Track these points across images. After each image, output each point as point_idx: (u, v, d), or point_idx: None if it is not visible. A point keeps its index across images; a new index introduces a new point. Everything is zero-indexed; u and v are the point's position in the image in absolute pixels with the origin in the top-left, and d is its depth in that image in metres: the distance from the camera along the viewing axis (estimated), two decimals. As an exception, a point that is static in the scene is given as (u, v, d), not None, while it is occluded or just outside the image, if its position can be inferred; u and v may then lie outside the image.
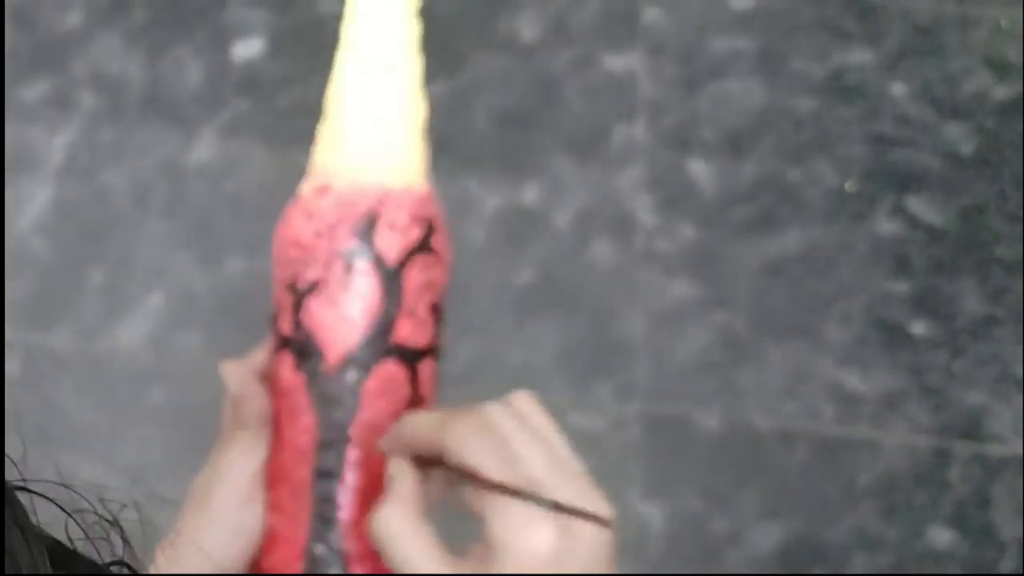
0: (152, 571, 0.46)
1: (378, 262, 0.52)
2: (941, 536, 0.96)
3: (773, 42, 1.13)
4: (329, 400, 0.53)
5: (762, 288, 1.03)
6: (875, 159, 1.09)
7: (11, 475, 0.42)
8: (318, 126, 0.54)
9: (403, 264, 0.53)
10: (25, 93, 1.04)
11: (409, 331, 0.54)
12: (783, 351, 1.00)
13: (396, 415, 0.53)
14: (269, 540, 0.52)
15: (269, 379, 0.58)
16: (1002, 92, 1.13)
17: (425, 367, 0.54)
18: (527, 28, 1.11)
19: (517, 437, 0.42)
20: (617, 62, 1.10)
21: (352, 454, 0.52)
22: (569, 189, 1.05)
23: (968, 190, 1.09)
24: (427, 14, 1.22)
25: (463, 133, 1.06)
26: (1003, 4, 1.17)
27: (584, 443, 1.03)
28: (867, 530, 0.95)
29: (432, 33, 1.22)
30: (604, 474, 1.01)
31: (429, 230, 0.55)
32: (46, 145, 1.02)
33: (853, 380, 1.00)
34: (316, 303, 0.53)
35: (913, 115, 1.11)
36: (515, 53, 1.10)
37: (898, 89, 1.12)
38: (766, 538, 0.95)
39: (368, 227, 0.52)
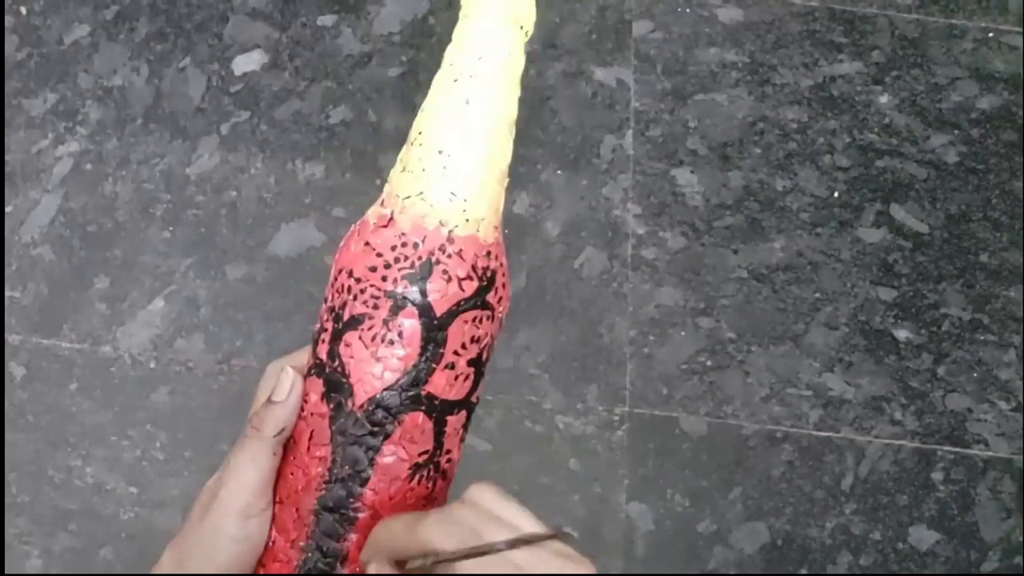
0: (156, 571, 0.47)
1: (425, 311, 0.50)
2: (924, 537, 0.96)
3: (761, 54, 1.14)
4: (350, 438, 0.51)
5: (748, 295, 1.03)
6: (861, 168, 1.09)
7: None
8: (402, 150, 0.50)
9: (451, 316, 0.50)
10: (32, 105, 1.05)
11: (443, 384, 0.52)
12: (769, 356, 1.01)
13: (414, 463, 0.52)
14: (268, 555, 0.51)
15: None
16: (986, 102, 1.13)
17: (454, 419, 0.53)
18: (519, 41, 1.12)
19: (484, 527, 0.43)
20: (608, 74, 1.11)
21: (364, 498, 0.51)
22: (560, 198, 1.06)
23: (953, 198, 1.09)
24: (424, 30, 1.24)
25: (457, 144, 1.07)
26: (988, 16, 1.18)
27: (573, 446, 1.05)
28: (851, 531, 0.96)
29: (429, 48, 1.24)
30: (593, 476, 1.03)
31: (488, 284, 0.50)
32: (52, 155, 1.03)
33: (838, 384, 1.01)
34: (356, 339, 0.51)
35: (899, 125, 1.12)
36: (507, 66, 1.11)
37: (884, 99, 1.13)
38: (751, 538, 0.95)
39: (424, 274, 0.49)
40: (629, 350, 1.00)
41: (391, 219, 0.49)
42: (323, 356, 0.53)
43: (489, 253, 0.50)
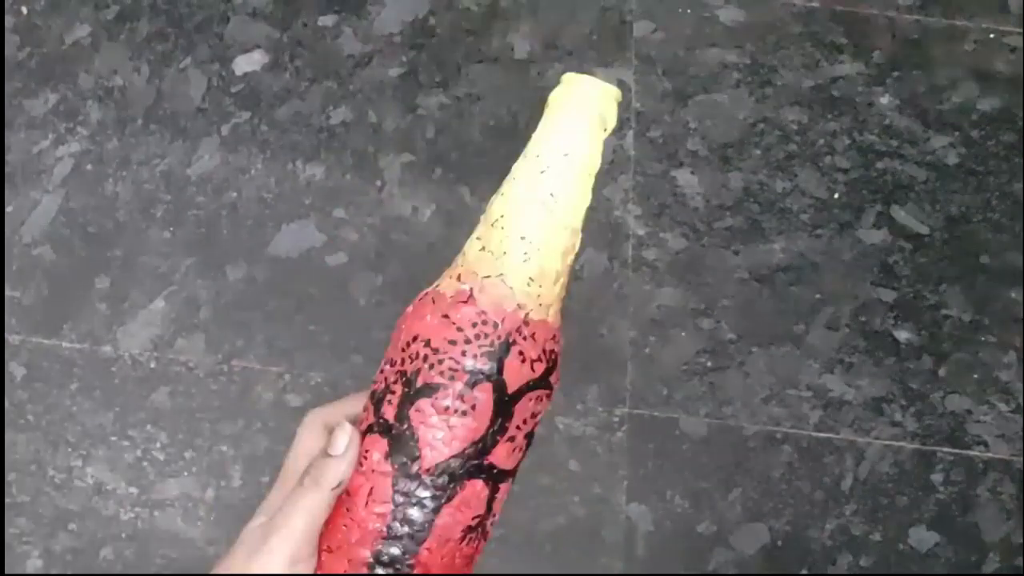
0: None
1: (499, 388, 0.53)
2: (924, 538, 0.96)
3: (762, 55, 1.14)
4: (412, 499, 0.54)
5: (749, 296, 1.04)
6: (862, 169, 1.10)
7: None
8: (480, 227, 0.52)
9: (520, 394, 0.53)
10: (33, 105, 1.05)
11: (504, 455, 0.55)
12: (769, 357, 1.01)
13: (467, 526, 0.55)
14: None
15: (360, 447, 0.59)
16: (987, 103, 1.14)
17: (505, 486, 0.56)
18: (520, 43, 1.12)
19: None
20: (609, 75, 1.11)
21: (418, 556, 0.54)
22: (560, 199, 1.06)
23: (953, 200, 1.09)
24: (424, 30, 1.25)
25: (458, 145, 1.07)
26: (989, 17, 1.18)
27: (573, 446, 1.05)
28: (851, 532, 0.96)
29: (429, 48, 1.25)
30: (593, 477, 1.03)
31: (552, 366, 0.55)
32: (53, 155, 1.03)
33: (838, 385, 1.01)
34: (428, 406, 0.54)
35: (899, 126, 1.12)
36: (509, 67, 1.11)
37: (885, 100, 1.13)
38: (751, 539, 0.95)
39: (502, 354, 0.52)
40: (629, 351, 1.00)
41: (471, 296, 0.52)
42: (390, 417, 0.55)
43: (555, 337, 0.53)
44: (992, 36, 1.17)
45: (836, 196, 1.08)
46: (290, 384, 0.97)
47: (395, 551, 0.54)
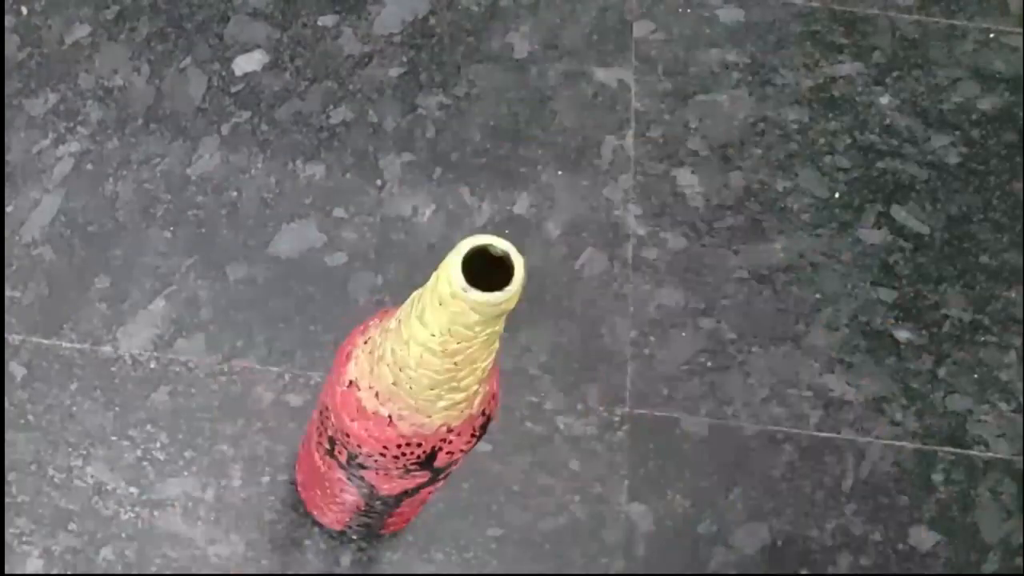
0: None
1: (433, 472, 0.57)
2: (925, 538, 0.96)
3: (762, 55, 1.14)
4: (378, 500, 0.61)
5: (749, 295, 1.04)
6: (862, 169, 1.10)
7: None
8: (386, 357, 0.51)
9: (454, 461, 0.57)
10: (33, 105, 1.05)
11: (444, 461, 0.58)
12: (769, 357, 1.01)
13: (419, 485, 0.61)
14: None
15: (321, 453, 0.65)
16: (988, 103, 1.14)
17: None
18: (520, 43, 1.12)
19: None
20: (608, 75, 1.12)
21: (386, 523, 0.68)
22: (560, 199, 1.06)
23: (954, 200, 1.09)
24: (424, 30, 1.25)
25: (457, 145, 1.08)
26: (989, 17, 1.18)
27: (574, 446, 1.05)
28: (851, 532, 0.96)
29: (429, 48, 1.25)
30: (593, 477, 1.04)
31: (485, 427, 0.57)
32: (53, 155, 1.03)
33: (839, 385, 1.01)
34: (374, 475, 0.58)
35: (900, 126, 1.12)
36: (508, 67, 1.11)
37: (885, 100, 1.13)
38: (752, 539, 0.95)
39: (430, 459, 0.54)
40: (630, 351, 1.00)
41: (391, 422, 0.53)
42: (343, 459, 0.59)
43: (483, 412, 0.54)
44: (993, 36, 1.17)
45: (836, 196, 1.09)
46: (290, 384, 0.97)
47: (368, 520, 0.64)
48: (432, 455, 0.55)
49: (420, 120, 1.08)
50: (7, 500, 0.92)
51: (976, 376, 1.02)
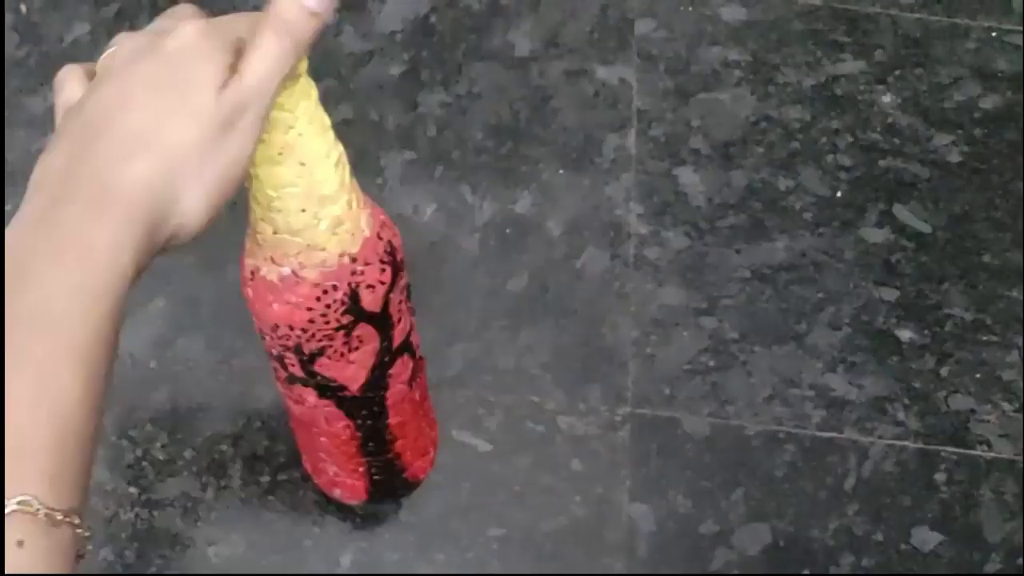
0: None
1: (370, 317, 0.56)
2: (927, 538, 0.96)
3: (764, 53, 1.14)
4: (361, 411, 0.60)
5: (751, 295, 1.04)
6: (864, 168, 1.10)
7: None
8: (256, 214, 0.53)
9: (387, 303, 0.56)
10: (33, 103, 1.05)
11: (401, 333, 0.59)
12: (771, 356, 1.01)
13: (407, 381, 0.61)
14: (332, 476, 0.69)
15: (287, 390, 0.65)
16: (990, 102, 1.14)
17: (415, 339, 0.62)
18: (522, 41, 1.12)
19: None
20: (610, 73, 1.11)
21: (391, 428, 0.63)
22: (562, 198, 1.06)
23: (956, 198, 1.09)
24: (425, 28, 1.24)
25: (458, 143, 1.07)
26: (991, 16, 1.18)
27: (575, 446, 1.05)
28: (854, 532, 0.96)
29: (430, 46, 1.25)
30: (595, 477, 1.03)
31: (393, 255, 0.58)
32: (53, 154, 1.03)
33: (841, 385, 1.01)
34: (326, 361, 0.57)
35: (902, 124, 1.12)
36: (509, 65, 1.11)
37: (887, 99, 1.13)
38: (754, 539, 0.95)
39: (354, 301, 0.54)
40: (631, 350, 1.00)
41: (297, 276, 0.53)
42: (300, 373, 0.60)
43: (379, 236, 0.54)
44: (994, 34, 1.17)
45: (838, 194, 1.08)
46: (291, 383, 0.97)
47: (369, 434, 0.62)
48: (355, 295, 0.55)
49: (421, 118, 1.08)
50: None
51: (978, 376, 1.02)
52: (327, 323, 0.56)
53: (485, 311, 1.00)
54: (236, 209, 1.02)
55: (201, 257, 1.01)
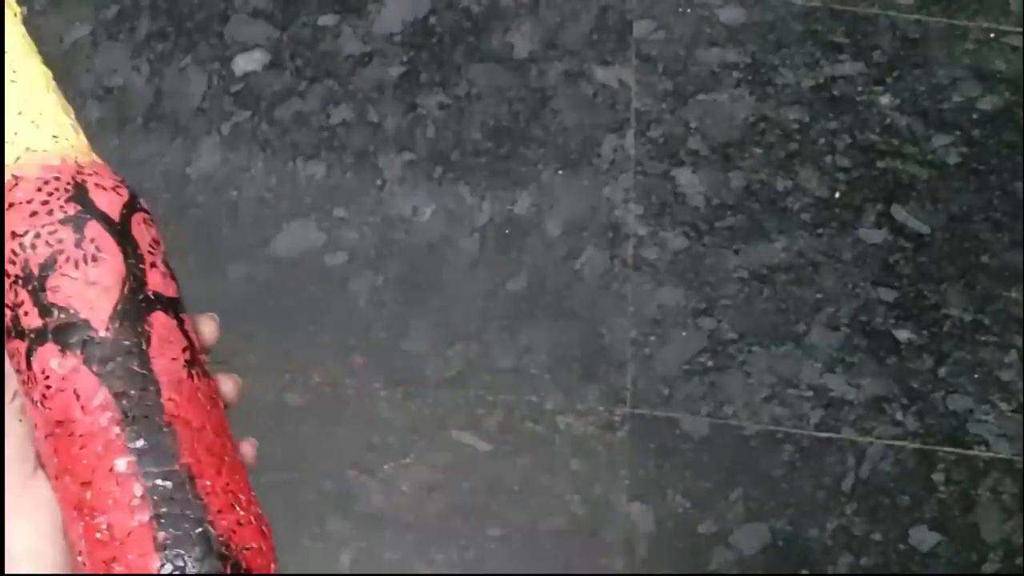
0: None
1: (103, 218, 0.50)
2: (925, 538, 0.96)
3: (762, 54, 1.14)
4: (117, 366, 0.48)
5: (749, 295, 1.04)
6: (862, 169, 1.10)
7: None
8: None
9: (126, 221, 0.50)
10: (33, 104, 1.05)
11: (160, 282, 0.51)
12: (770, 357, 1.01)
13: (185, 360, 0.49)
14: (110, 541, 0.46)
15: (33, 385, 0.50)
16: (988, 103, 1.14)
17: (186, 316, 0.52)
18: (521, 42, 1.12)
19: None
20: (609, 74, 1.11)
21: (167, 410, 0.47)
22: (560, 199, 1.06)
23: (954, 199, 1.09)
24: (424, 30, 1.24)
25: (458, 144, 1.07)
26: (990, 17, 1.18)
27: (574, 446, 1.05)
28: (852, 532, 0.96)
29: (429, 47, 1.25)
30: (594, 477, 1.03)
31: (131, 191, 0.53)
32: (53, 155, 1.03)
33: (839, 385, 1.01)
34: (59, 278, 0.49)
35: (900, 125, 1.12)
36: (509, 66, 1.11)
37: (885, 100, 1.13)
38: (752, 539, 0.95)
39: (81, 192, 0.49)
40: (630, 350, 1.00)
41: (17, 177, 0.50)
42: (36, 322, 0.50)
43: (109, 168, 0.51)
44: (993, 35, 1.17)
45: (837, 195, 1.08)
46: (290, 384, 0.97)
47: (141, 423, 0.47)
48: (81, 187, 0.50)
49: (420, 119, 1.08)
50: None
51: (977, 376, 1.02)
52: (51, 214, 0.50)
53: (484, 311, 1.01)
54: (235, 210, 1.02)
55: (200, 259, 1.01)
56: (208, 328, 0.53)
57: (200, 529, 0.46)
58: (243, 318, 0.99)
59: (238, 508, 0.50)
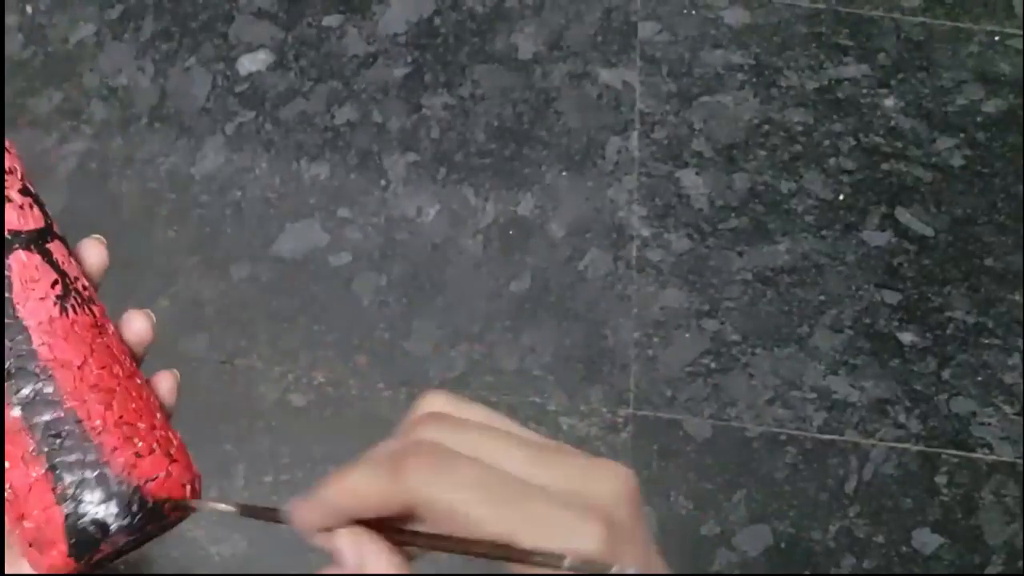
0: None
1: None
2: (928, 541, 0.96)
3: (766, 56, 1.14)
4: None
5: (753, 297, 1.04)
6: (866, 171, 1.10)
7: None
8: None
9: None
10: (37, 104, 1.05)
11: (15, 216, 0.48)
12: (773, 359, 1.01)
13: (56, 296, 0.46)
14: (15, 499, 0.43)
15: None
16: (992, 105, 1.14)
17: (54, 246, 0.48)
18: (525, 43, 1.12)
19: (485, 448, 0.34)
20: (613, 76, 1.11)
21: (41, 356, 0.44)
22: (564, 200, 1.06)
23: (958, 202, 1.09)
24: (429, 30, 1.25)
25: (462, 145, 1.08)
26: (994, 20, 1.18)
27: (577, 447, 1.05)
28: (855, 534, 0.96)
29: (434, 48, 1.25)
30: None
31: None
32: (57, 154, 1.03)
33: (842, 387, 1.01)
34: None
35: (904, 128, 1.12)
36: (513, 67, 1.11)
37: (890, 102, 1.13)
38: (755, 541, 0.95)
39: None
40: (633, 352, 1.00)
41: None
42: None
43: None
44: (997, 38, 1.17)
45: (841, 197, 1.08)
46: (293, 384, 0.97)
47: (18, 375, 0.43)
48: None
49: (425, 120, 1.08)
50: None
51: (980, 379, 1.02)
52: None
53: (487, 312, 1.01)
54: (239, 210, 1.02)
55: (205, 256, 1.01)
56: (94, 253, 0.48)
57: (96, 472, 0.43)
58: (246, 318, 0.99)
59: (136, 439, 0.47)
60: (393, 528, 0.35)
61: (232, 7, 1.10)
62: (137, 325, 0.47)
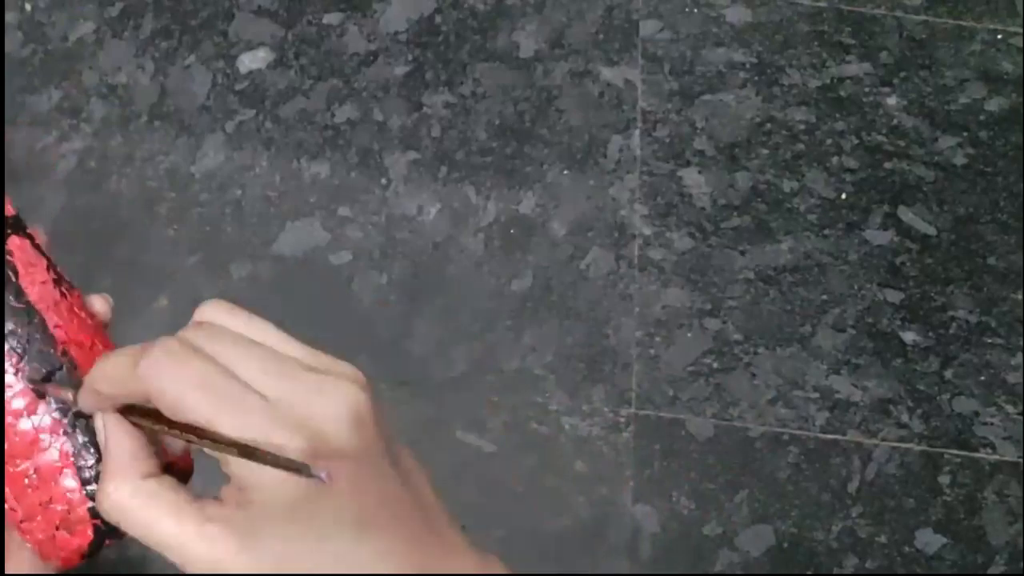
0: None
1: None
2: (931, 540, 0.96)
3: (769, 54, 1.14)
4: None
5: (755, 296, 1.03)
6: (869, 170, 1.10)
7: None
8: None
9: None
10: (37, 101, 1.05)
11: None
12: (775, 358, 1.01)
13: (52, 279, 0.47)
14: (41, 484, 0.43)
15: None
16: (995, 104, 1.14)
17: (35, 234, 0.49)
18: (526, 41, 1.12)
19: (225, 353, 0.36)
20: (615, 74, 1.11)
21: (57, 338, 0.44)
22: (566, 199, 1.06)
23: (961, 201, 1.09)
24: (430, 28, 1.24)
25: (463, 143, 1.07)
26: (997, 18, 1.18)
27: (579, 447, 1.05)
28: (857, 534, 0.96)
29: (435, 46, 1.25)
30: (599, 478, 1.03)
31: None
32: (57, 152, 1.03)
33: (845, 387, 1.01)
34: None
35: (907, 126, 1.12)
36: (514, 65, 1.11)
37: (892, 101, 1.13)
38: (757, 541, 0.95)
39: None
40: (635, 351, 1.00)
41: None
42: None
43: None
44: (1000, 37, 1.17)
45: (843, 196, 1.08)
46: (294, 383, 0.96)
47: (37, 358, 0.43)
48: None
49: (425, 119, 1.08)
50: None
51: (983, 378, 1.02)
52: None
53: (489, 312, 1.00)
54: (239, 209, 1.02)
55: (205, 255, 1.00)
56: (98, 304, 0.50)
57: None
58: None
59: None
60: (165, 419, 0.37)
61: (232, 5, 1.10)
62: (98, 307, 0.48)
